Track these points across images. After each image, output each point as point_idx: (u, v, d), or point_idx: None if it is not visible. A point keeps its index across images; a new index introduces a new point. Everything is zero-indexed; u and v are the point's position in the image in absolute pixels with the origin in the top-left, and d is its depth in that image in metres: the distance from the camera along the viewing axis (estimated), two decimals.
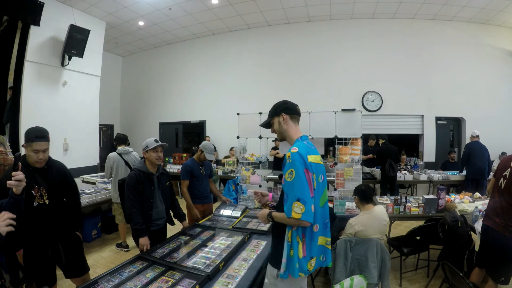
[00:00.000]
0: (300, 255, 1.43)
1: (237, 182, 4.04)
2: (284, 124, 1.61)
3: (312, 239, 1.48)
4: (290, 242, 1.44)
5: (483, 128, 5.69)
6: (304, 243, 1.45)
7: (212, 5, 6.19)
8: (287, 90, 7.24)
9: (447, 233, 2.58)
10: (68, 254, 2.09)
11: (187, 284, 1.61)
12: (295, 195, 1.39)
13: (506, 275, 2.15)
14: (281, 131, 1.63)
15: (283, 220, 1.46)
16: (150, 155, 2.38)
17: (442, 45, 6.63)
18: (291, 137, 1.61)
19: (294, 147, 1.50)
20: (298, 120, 1.66)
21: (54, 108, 5.54)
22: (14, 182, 1.41)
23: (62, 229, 2.06)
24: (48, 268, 2.00)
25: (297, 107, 1.66)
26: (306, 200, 1.38)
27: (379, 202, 3.61)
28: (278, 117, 1.62)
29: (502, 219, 2.10)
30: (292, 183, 1.41)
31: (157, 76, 8.88)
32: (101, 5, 5.91)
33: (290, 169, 1.43)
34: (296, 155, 1.44)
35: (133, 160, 3.91)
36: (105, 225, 4.50)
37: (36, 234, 1.92)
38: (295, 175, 1.40)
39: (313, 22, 7.07)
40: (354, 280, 2.21)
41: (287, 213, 1.40)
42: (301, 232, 1.45)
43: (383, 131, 6.64)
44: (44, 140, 1.88)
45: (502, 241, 2.09)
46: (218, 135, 7.78)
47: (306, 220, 1.38)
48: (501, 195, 2.16)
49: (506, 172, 2.15)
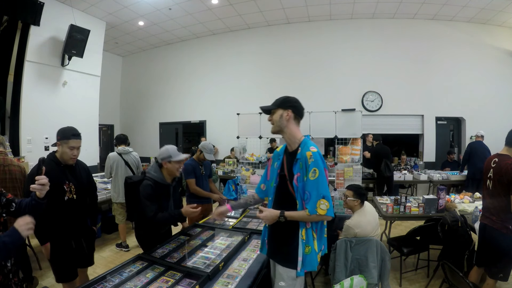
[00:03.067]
0: (316, 249, 1.51)
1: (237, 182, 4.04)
2: (286, 120, 1.59)
3: (321, 232, 1.58)
4: (304, 240, 1.49)
5: (483, 128, 5.69)
6: (317, 238, 1.54)
7: (212, 5, 6.18)
8: (287, 90, 7.17)
9: (447, 233, 2.58)
10: (88, 247, 2.21)
11: (187, 284, 1.61)
12: (321, 193, 1.45)
13: (505, 271, 2.17)
14: (280, 125, 1.60)
15: (303, 218, 1.49)
16: (172, 166, 2.14)
17: (442, 45, 6.63)
18: (293, 135, 1.61)
19: (312, 146, 1.53)
20: (299, 123, 1.66)
21: (54, 108, 5.54)
22: (38, 186, 1.42)
23: (85, 223, 2.20)
24: (72, 260, 2.08)
25: (304, 110, 1.67)
26: (329, 197, 1.47)
27: (379, 202, 3.63)
28: (284, 110, 1.59)
29: (498, 217, 2.15)
30: (316, 181, 1.46)
31: (157, 76, 8.88)
32: (101, 5, 5.90)
33: (313, 168, 1.46)
34: (317, 155, 1.49)
35: (132, 160, 3.91)
36: (105, 225, 4.50)
37: (64, 227, 2.02)
38: (318, 174, 1.46)
39: (313, 22, 7.07)
40: (354, 280, 2.21)
41: (312, 211, 1.44)
42: (315, 227, 1.52)
43: (383, 131, 6.65)
44: (80, 138, 2.01)
45: (500, 238, 2.13)
46: (218, 135, 7.78)
47: (330, 215, 1.46)
48: (492, 196, 2.22)
49: (489, 173, 2.23)
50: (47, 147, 5.33)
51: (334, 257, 2.39)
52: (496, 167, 2.20)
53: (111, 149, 7.94)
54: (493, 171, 2.22)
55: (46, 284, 2.89)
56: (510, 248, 2.11)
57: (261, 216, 1.57)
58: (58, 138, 1.98)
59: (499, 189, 2.14)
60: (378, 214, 2.65)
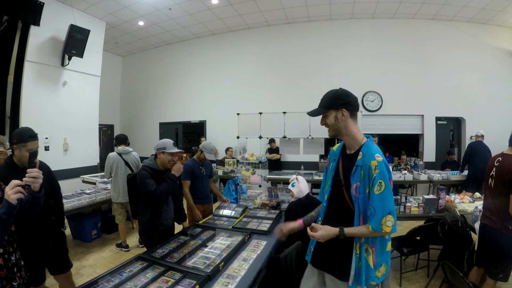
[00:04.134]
0: (371, 264, 1.36)
1: (237, 182, 4.04)
2: (342, 121, 1.41)
3: (382, 246, 1.41)
4: (358, 255, 1.37)
5: (483, 128, 5.68)
6: (374, 253, 1.38)
7: (212, 5, 6.18)
8: (287, 89, 7.25)
9: (447, 233, 2.58)
10: (56, 249, 2.17)
11: (187, 284, 1.61)
12: (387, 208, 1.30)
13: (505, 272, 2.17)
14: (338, 127, 1.43)
15: (364, 234, 1.35)
16: (165, 157, 2.34)
17: (442, 45, 6.63)
18: (353, 136, 1.44)
19: (378, 154, 1.35)
20: (357, 118, 1.47)
21: (54, 108, 5.54)
22: (30, 179, 1.39)
23: (50, 226, 2.15)
24: (39, 264, 2.05)
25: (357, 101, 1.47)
26: (394, 212, 1.33)
27: None
28: (337, 111, 1.41)
29: (498, 217, 2.14)
30: (382, 196, 1.30)
31: (157, 76, 8.87)
32: (101, 5, 5.90)
33: (379, 180, 1.30)
34: (383, 165, 1.32)
35: (132, 160, 3.92)
36: (105, 225, 4.50)
37: (28, 231, 1.96)
38: (384, 187, 1.30)
39: (313, 22, 7.07)
40: None
41: (376, 228, 1.30)
42: (371, 242, 1.37)
43: (383, 131, 6.65)
44: (37, 139, 1.93)
45: (500, 238, 2.13)
46: (218, 135, 7.77)
47: (394, 231, 1.34)
48: (493, 195, 2.22)
49: (492, 172, 2.24)
50: (47, 147, 5.33)
51: None
52: (499, 166, 2.20)
53: (111, 149, 7.93)
54: (496, 170, 2.22)
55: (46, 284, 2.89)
56: (510, 248, 2.11)
57: (316, 236, 1.41)
58: (15, 142, 1.86)
59: (501, 188, 2.14)
60: None
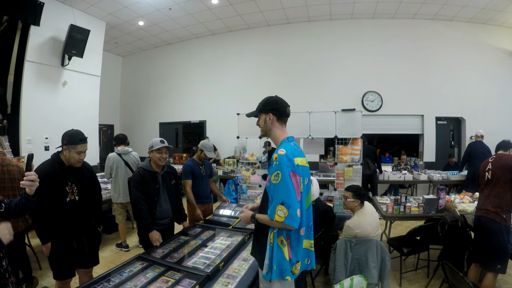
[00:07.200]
0: (287, 257, 1.41)
1: (237, 182, 4.04)
2: (269, 124, 1.56)
3: (298, 243, 1.46)
4: (272, 244, 1.42)
5: (483, 128, 5.68)
6: (289, 246, 1.43)
7: (212, 5, 6.18)
8: (287, 89, 7.23)
9: (447, 233, 2.58)
10: (90, 247, 2.21)
11: (187, 284, 1.61)
12: (280, 198, 1.36)
13: (502, 262, 2.18)
14: (265, 129, 1.59)
15: (267, 222, 1.42)
16: (154, 155, 2.40)
17: (442, 45, 6.63)
18: (276, 138, 1.58)
19: (282, 148, 1.45)
20: (286, 121, 1.61)
21: (54, 108, 5.54)
22: (27, 182, 1.39)
23: (87, 223, 2.19)
24: (71, 259, 2.09)
25: (288, 108, 1.60)
26: (290, 204, 1.35)
27: (379, 202, 3.64)
28: (266, 115, 1.57)
29: (493, 203, 2.25)
30: (277, 185, 1.38)
31: (157, 76, 8.87)
32: (101, 5, 5.90)
33: (276, 171, 1.39)
34: (283, 158, 1.40)
35: (132, 160, 3.91)
36: (105, 225, 4.48)
37: (65, 227, 2.02)
38: (281, 178, 1.37)
39: (313, 22, 7.07)
40: (354, 280, 2.21)
41: (270, 216, 1.38)
42: (286, 234, 1.42)
43: (383, 131, 6.66)
44: (86, 141, 2.04)
45: (495, 227, 2.19)
46: (218, 135, 7.77)
47: (290, 225, 1.35)
48: (490, 186, 2.37)
49: (488, 166, 2.43)
50: (47, 147, 5.33)
51: (334, 257, 2.39)
52: (496, 158, 2.42)
53: (111, 149, 7.93)
54: (492, 163, 2.40)
55: (46, 284, 2.89)
56: (504, 237, 2.14)
57: (240, 216, 1.63)
58: (65, 143, 1.96)
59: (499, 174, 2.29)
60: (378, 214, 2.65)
